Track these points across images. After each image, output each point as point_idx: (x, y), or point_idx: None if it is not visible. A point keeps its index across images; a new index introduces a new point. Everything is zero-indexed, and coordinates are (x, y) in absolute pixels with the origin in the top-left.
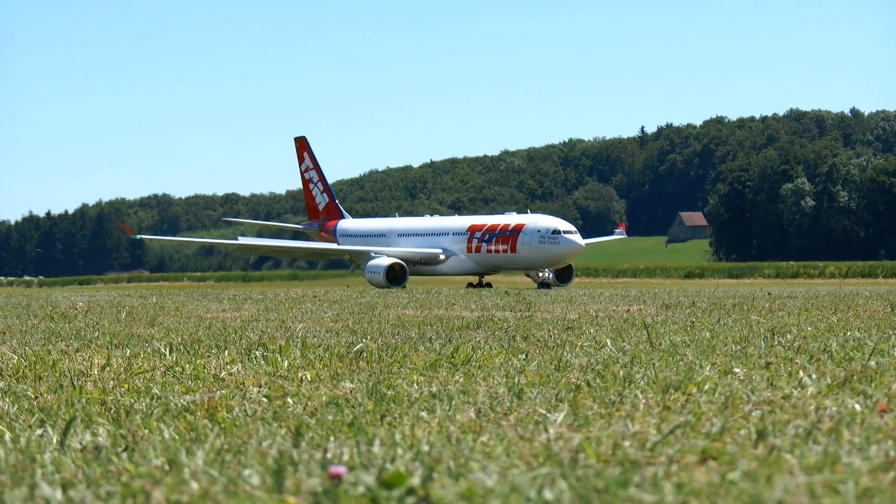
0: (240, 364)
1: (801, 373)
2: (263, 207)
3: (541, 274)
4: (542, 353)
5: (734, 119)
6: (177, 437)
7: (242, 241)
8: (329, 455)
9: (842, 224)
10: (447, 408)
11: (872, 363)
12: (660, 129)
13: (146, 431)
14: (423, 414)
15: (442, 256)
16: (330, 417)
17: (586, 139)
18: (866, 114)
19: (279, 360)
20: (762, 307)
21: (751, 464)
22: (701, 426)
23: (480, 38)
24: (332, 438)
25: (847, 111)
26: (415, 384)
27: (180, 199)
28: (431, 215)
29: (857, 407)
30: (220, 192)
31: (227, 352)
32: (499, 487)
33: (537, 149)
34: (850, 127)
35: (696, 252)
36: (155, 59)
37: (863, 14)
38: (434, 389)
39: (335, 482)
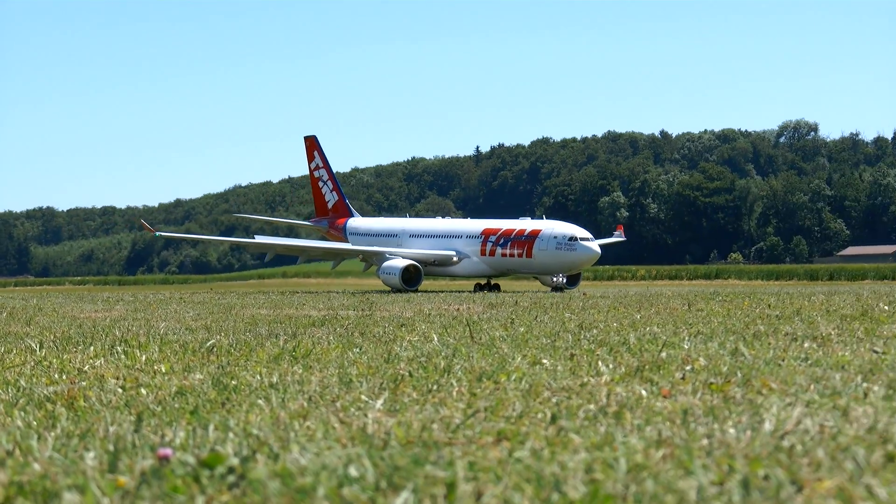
0: (102, 358)
1: (600, 363)
2: (138, 218)
3: (555, 279)
4: (375, 347)
5: (558, 140)
6: (35, 423)
7: (259, 239)
8: (167, 439)
9: (652, 232)
10: (281, 396)
11: (664, 355)
12: (493, 149)
13: (9, 419)
14: (260, 402)
15: (455, 258)
16: (176, 405)
17: (427, 157)
18: (674, 135)
19: (138, 354)
20: (576, 306)
21: (539, 443)
22: (503, 410)
23: (334, 64)
24: (174, 424)
25: (657, 133)
26: (257, 375)
27: (62, 211)
28: (444, 217)
29: (644, 392)
30: (99, 205)
31: (92, 347)
32: (311, 466)
33: (384, 166)
34: (659, 147)
35: None
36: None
37: (669, 42)
38: (274, 380)
39: (164, 463)
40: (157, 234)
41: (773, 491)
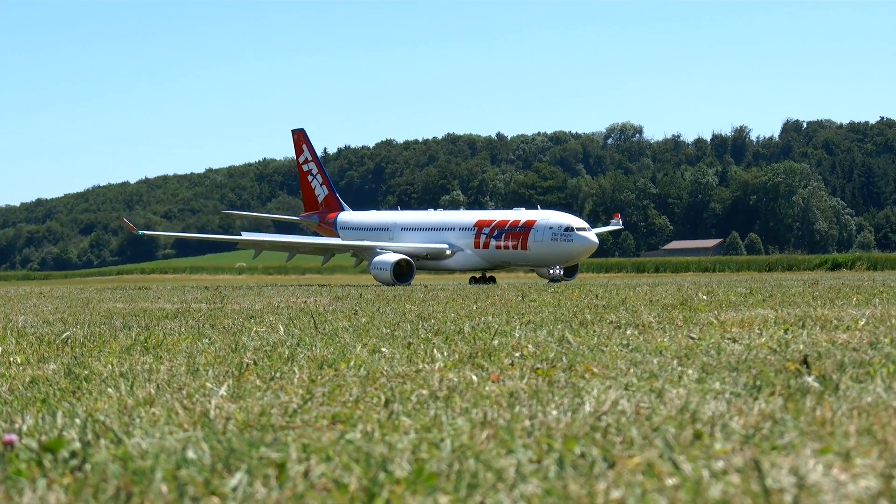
0: None
1: (435, 351)
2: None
3: (551, 270)
4: (224, 338)
5: (401, 141)
6: None
7: (246, 236)
8: (16, 426)
9: None
10: (130, 384)
11: (495, 342)
12: (339, 150)
13: None
14: (110, 390)
15: (448, 252)
16: (28, 394)
17: (278, 158)
18: (509, 137)
19: None
20: (417, 297)
21: (372, 426)
22: (340, 396)
23: (189, 70)
24: (24, 412)
25: (494, 135)
26: (109, 365)
27: None
28: (436, 209)
29: (474, 378)
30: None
31: None
32: (151, 450)
33: (237, 167)
34: (496, 148)
35: None
36: None
37: (504, 49)
38: (124, 369)
39: (8, 448)
40: (140, 233)
41: (586, 467)
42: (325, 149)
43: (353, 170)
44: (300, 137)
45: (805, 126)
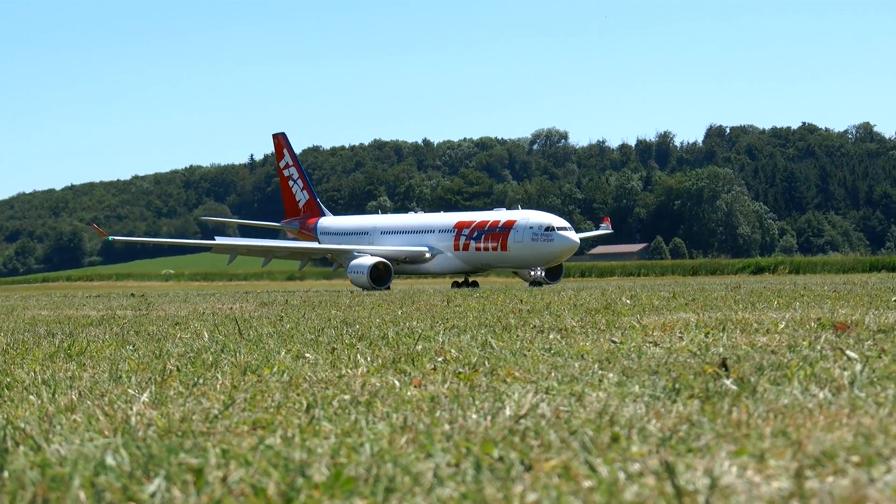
0: None
1: (359, 356)
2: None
3: (532, 272)
4: (148, 345)
5: (328, 148)
6: None
7: (220, 240)
8: None
9: None
10: (52, 392)
11: (419, 347)
12: (266, 157)
13: None
14: (32, 397)
15: (428, 255)
16: None
17: (204, 165)
18: (435, 143)
19: None
20: (343, 303)
21: (292, 431)
22: (263, 402)
23: (116, 76)
24: None
25: (420, 141)
26: (31, 372)
27: None
28: (416, 212)
29: (396, 382)
30: None
31: None
32: (70, 456)
33: (163, 173)
34: (422, 154)
35: None
36: None
37: (427, 56)
38: (47, 376)
39: None
40: (110, 238)
41: (504, 471)
42: (251, 155)
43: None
44: (280, 141)
45: (728, 131)
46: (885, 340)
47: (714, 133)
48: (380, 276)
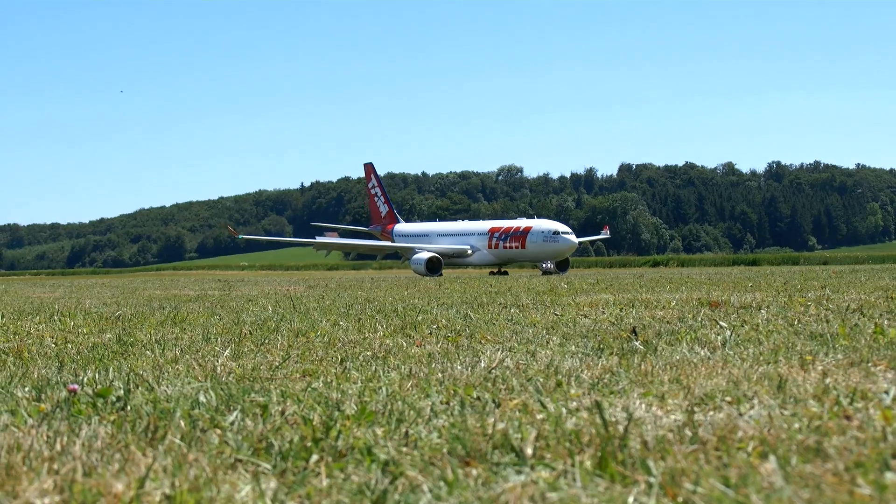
0: (43, 324)
1: (377, 324)
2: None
3: (544, 265)
4: (230, 315)
5: (355, 178)
6: None
7: (320, 239)
8: (79, 378)
9: None
10: (162, 349)
11: (419, 318)
12: (314, 183)
13: None
14: (147, 353)
15: (469, 252)
16: (89, 355)
17: (268, 189)
18: (430, 174)
19: (68, 321)
20: (366, 286)
21: (330, 378)
22: (309, 356)
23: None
24: (86, 368)
25: (419, 173)
26: (147, 334)
27: (24, 225)
28: (462, 220)
29: (404, 343)
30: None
31: (38, 317)
32: (174, 395)
33: (240, 195)
34: (421, 182)
35: None
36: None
37: (426, 106)
38: (158, 338)
39: (72, 394)
40: (240, 237)
41: (480, 406)
42: (301, 182)
43: (321, 198)
44: (369, 169)
45: (634, 167)
46: (745, 314)
47: (624, 168)
48: (434, 266)
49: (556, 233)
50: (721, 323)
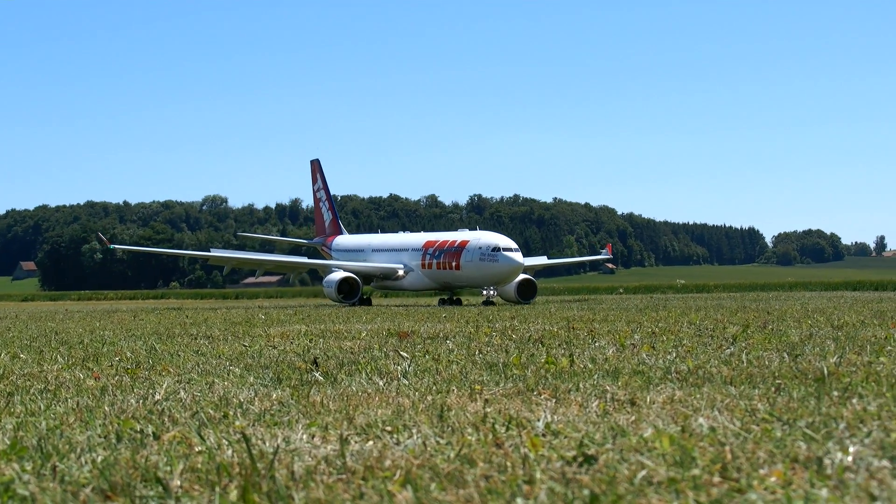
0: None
1: (58, 356)
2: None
3: (485, 291)
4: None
5: (53, 205)
6: None
7: (214, 252)
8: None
9: (119, 269)
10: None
11: (104, 349)
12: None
13: None
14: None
15: (401, 272)
16: None
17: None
18: (133, 203)
19: None
20: (59, 318)
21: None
22: None
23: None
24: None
25: (121, 202)
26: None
27: None
28: (405, 231)
29: (81, 376)
30: None
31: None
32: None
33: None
34: (122, 210)
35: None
36: None
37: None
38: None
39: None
40: (112, 246)
41: (139, 440)
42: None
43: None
44: (315, 167)
45: (340, 197)
46: (431, 344)
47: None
48: (350, 290)
49: (495, 249)
50: (403, 353)
